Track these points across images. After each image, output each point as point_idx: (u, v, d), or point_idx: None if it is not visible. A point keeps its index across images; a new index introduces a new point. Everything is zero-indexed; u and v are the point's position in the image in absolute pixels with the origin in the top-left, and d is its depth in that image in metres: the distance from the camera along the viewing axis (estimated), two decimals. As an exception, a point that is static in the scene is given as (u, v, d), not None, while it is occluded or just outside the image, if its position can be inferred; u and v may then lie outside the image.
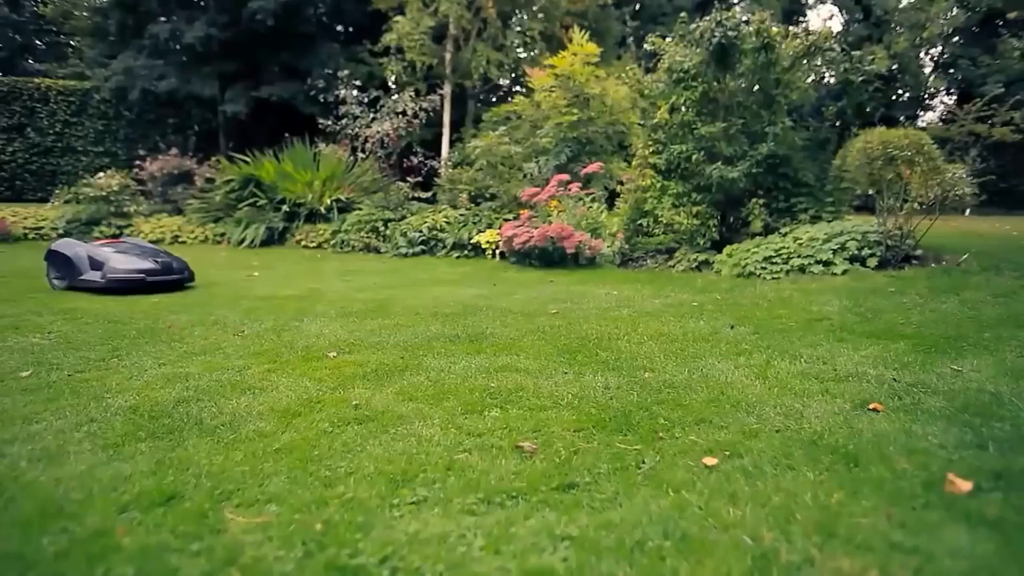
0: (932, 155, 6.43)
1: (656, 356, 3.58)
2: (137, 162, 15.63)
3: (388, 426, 2.50)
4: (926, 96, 18.85)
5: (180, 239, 13.59)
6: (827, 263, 6.15)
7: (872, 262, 6.12)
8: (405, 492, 1.88)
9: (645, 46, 8.59)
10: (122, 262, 6.42)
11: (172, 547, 1.57)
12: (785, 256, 6.42)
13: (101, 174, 14.48)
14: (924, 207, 6.27)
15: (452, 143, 17.19)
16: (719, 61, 7.36)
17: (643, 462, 2.06)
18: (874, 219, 6.59)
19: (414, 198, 13.29)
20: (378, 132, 12.76)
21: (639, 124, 8.84)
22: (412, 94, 12.93)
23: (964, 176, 5.82)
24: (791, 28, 7.77)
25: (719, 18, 7.15)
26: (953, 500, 1.72)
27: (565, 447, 2.22)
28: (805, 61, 7.58)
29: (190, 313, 5.36)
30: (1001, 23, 16.95)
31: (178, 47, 17.70)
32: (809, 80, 7.64)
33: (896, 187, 6.35)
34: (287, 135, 14.43)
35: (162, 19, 17.90)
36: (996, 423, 2.31)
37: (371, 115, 13.11)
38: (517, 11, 18.19)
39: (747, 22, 7.29)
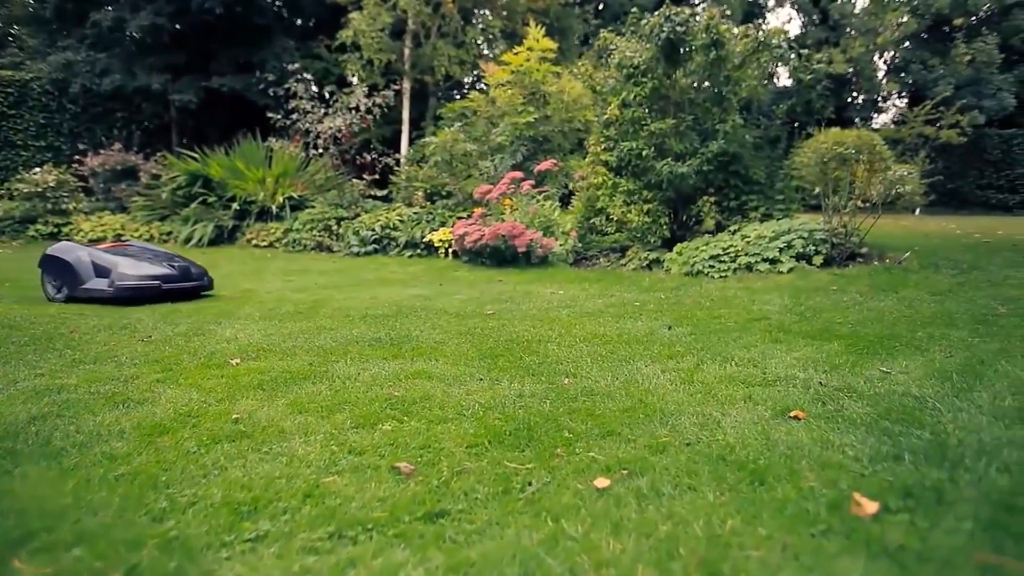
0: (883, 155, 6.44)
1: (583, 360, 3.38)
2: (77, 157, 14.88)
3: (263, 443, 2.23)
4: (880, 99, 19.25)
5: (123, 238, 12.97)
6: (774, 261, 6.07)
7: (818, 260, 6.06)
8: (246, 526, 1.62)
9: (597, 42, 8.44)
10: (133, 268, 5.70)
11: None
12: (733, 254, 6.32)
13: (37, 169, 13.74)
14: (869, 205, 6.25)
15: (412, 140, 16.84)
16: (668, 57, 7.23)
17: (529, 484, 1.84)
18: (821, 217, 6.55)
19: (370, 196, 12.95)
20: (330, 128, 12.35)
21: (595, 121, 8.69)
22: (365, 89, 12.54)
23: (907, 175, 5.81)
24: (742, 26, 7.72)
25: (668, 13, 7.02)
26: (856, 524, 1.54)
27: (449, 466, 1.98)
28: (756, 58, 7.52)
29: (103, 317, 4.97)
30: (949, 29, 17.42)
31: (127, 36, 16.90)
32: (758, 77, 7.56)
33: (847, 186, 6.32)
34: (243, 131, 13.87)
35: (108, 8, 17.07)
36: (916, 431, 2.16)
37: (322, 110, 12.68)
38: (478, 8, 17.93)
39: (695, 16, 7.18)
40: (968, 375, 2.77)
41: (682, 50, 7.24)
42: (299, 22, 22.46)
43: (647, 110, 7.43)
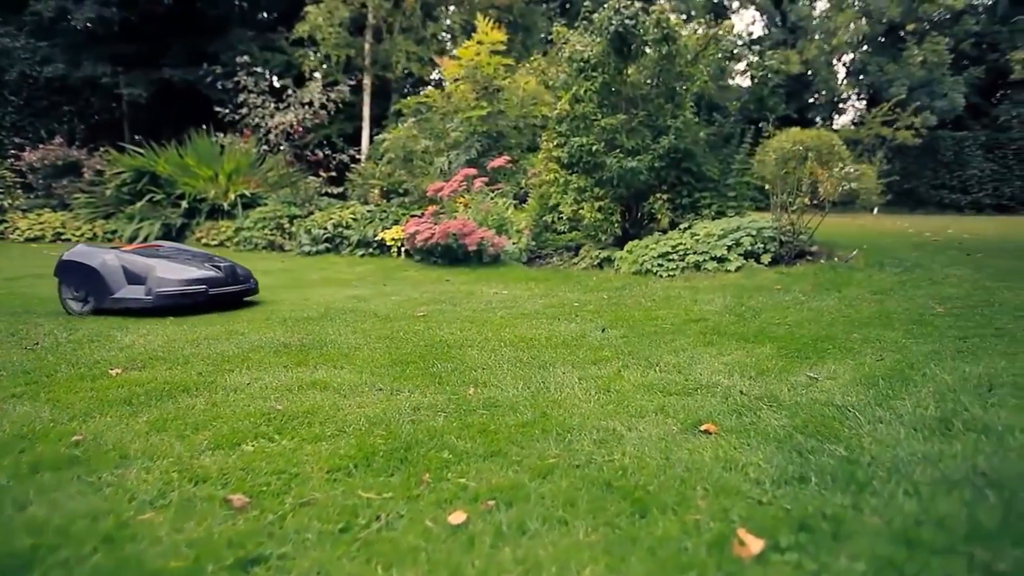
0: (842, 155, 6.37)
1: (500, 366, 3.13)
2: (14, 152, 14.12)
3: (94, 471, 1.92)
4: (839, 100, 19.49)
5: (64, 236, 12.38)
6: (722, 260, 5.92)
7: (766, 258, 5.93)
8: (8, 585, 1.33)
9: (551, 36, 8.22)
10: (173, 271, 4.92)
11: None
12: (682, 253, 6.16)
13: (-33, 165, 13.00)
14: (823, 203, 6.14)
15: (373, 137, 16.46)
16: (618, 51, 7.04)
17: (377, 519, 1.58)
18: (771, 215, 6.43)
19: (325, 193, 12.58)
20: (281, 123, 11.89)
21: (550, 117, 8.46)
22: (320, 84, 12.10)
23: (854, 171, 5.71)
24: (694, 22, 7.58)
25: (617, 6, 6.83)
26: (735, 569, 1.32)
27: (296, 496, 1.71)
28: (706, 54, 7.37)
29: (-3, 322, 4.54)
30: (903, 34, 17.73)
31: (72, 26, 16.10)
32: (710, 73, 7.41)
33: (795, 183, 6.21)
34: (201, 126, 13.23)
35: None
36: (830, 446, 1.96)
37: (272, 105, 12.20)
38: (440, 4, 17.61)
39: (646, 10, 7.01)
40: (895, 380, 2.59)
41: (633, 44, 7.05)
42: (263, 15, 21.85)
43: (598, 105, 7.22)
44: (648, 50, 7.22)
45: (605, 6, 6.98)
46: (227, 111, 12.49)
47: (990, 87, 18.36)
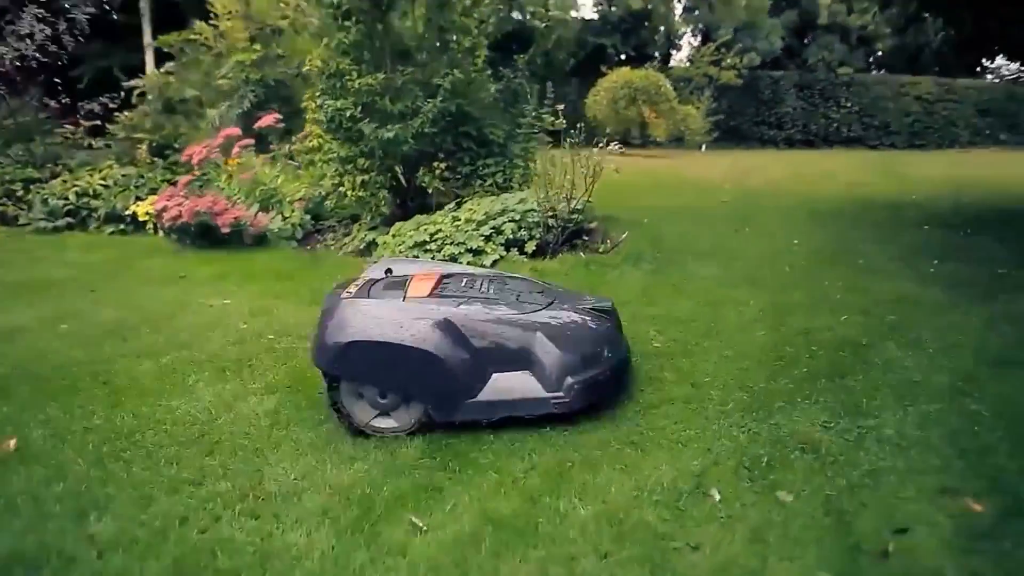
0: (668, 95, 5.92)
1: None
2: None
3: None
4: (676, 37, 19.57)
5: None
6: (478, 252, 5.31)
7: (530, 246, 5.41)
8: None
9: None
10: (570, 341, 2.64)
11: None
12: (440, 241, 5.48)
13: None
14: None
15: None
16: (371, -6, 5.93)
17: None
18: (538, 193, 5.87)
19: (89, 146, 10.37)
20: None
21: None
22: (40, 10, 9.55)
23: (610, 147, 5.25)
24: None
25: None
26: None
27: None
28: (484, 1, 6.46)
29: None
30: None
31: None
32: (486, 24, 6.51)
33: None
34: None
35: None
36: None
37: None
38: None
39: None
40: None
41: (389, -13, 5.97)
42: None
43: (355, 61, 6.13)
44: (416, -5, 6.17)
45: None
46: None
47: (802, 29, 19.30)
